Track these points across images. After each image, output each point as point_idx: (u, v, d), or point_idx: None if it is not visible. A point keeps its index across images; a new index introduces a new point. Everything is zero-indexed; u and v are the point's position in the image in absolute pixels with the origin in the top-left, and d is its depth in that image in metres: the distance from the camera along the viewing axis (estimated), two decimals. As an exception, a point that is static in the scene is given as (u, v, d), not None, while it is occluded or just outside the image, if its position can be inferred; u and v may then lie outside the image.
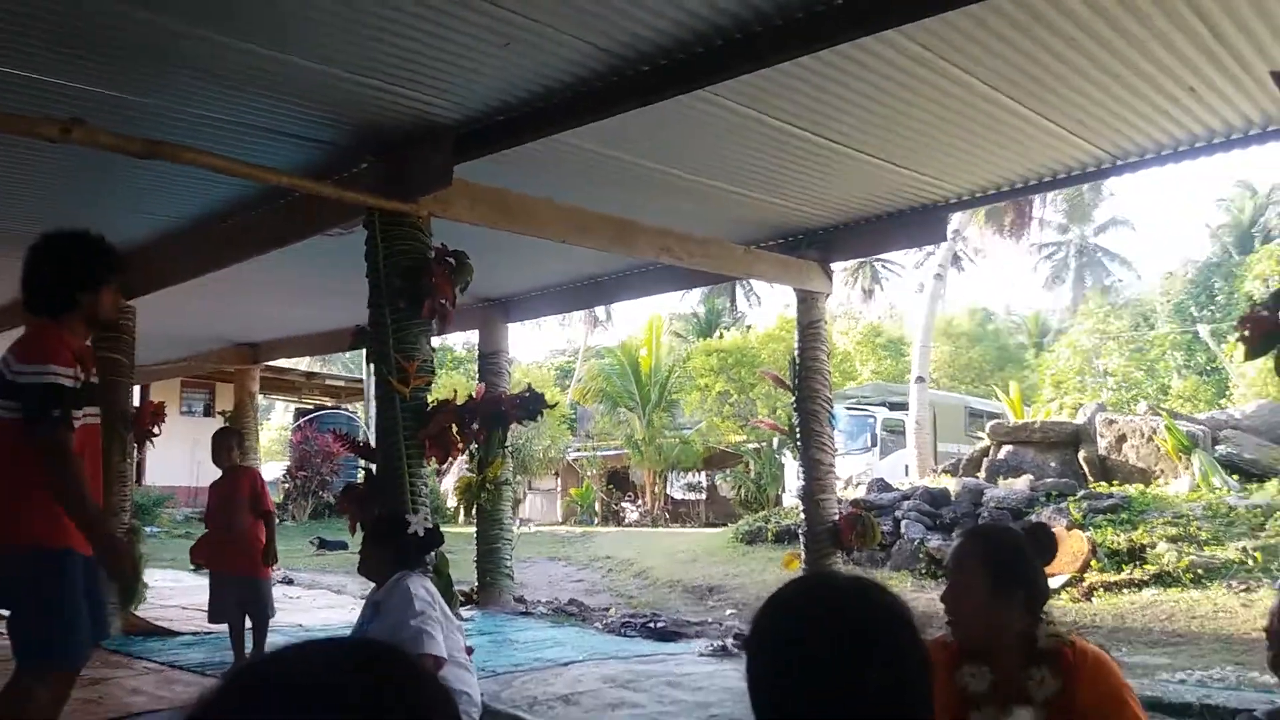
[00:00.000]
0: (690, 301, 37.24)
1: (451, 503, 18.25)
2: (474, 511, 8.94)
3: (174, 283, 6.61)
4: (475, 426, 5.10)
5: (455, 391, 5.80)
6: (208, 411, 20.28)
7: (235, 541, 5.55)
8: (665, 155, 5.23)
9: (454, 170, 4.69)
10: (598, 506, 23.74)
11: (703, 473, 22.86)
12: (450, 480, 18.44)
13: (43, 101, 4.12)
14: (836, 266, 7.50)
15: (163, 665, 5.83)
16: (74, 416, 3.04)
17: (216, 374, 17.89)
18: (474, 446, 7.44)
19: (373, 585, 3.65)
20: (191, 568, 11.09)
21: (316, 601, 9.15)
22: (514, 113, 4.48)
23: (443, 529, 3.98)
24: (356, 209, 4.87)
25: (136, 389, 8.88)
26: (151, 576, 8.06)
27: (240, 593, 5.53)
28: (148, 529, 11.48)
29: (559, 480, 25.75)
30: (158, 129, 4.11)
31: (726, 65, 3.84)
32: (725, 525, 16.49)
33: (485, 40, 3.74)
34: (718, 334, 30.90)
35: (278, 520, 6.58)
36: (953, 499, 11.30)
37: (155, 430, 7.32)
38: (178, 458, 17.74)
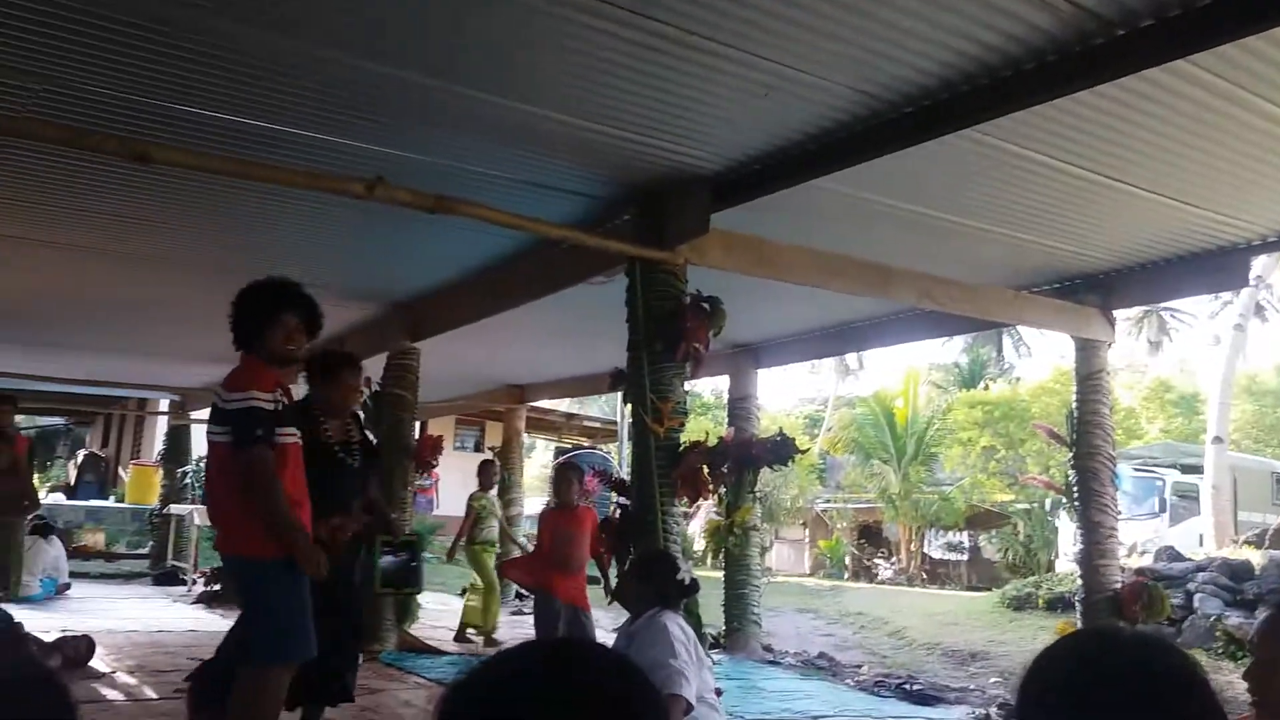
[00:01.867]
0: (951, 351, 35.55)
1: (699, 546, 18.40)
2: (721, 556, 8.95)
3: (453, 327, 7.22)
4: (725, 468, 5.14)
5: (706, 434, 5.86)
6: (477, 447, 21.74)
7: (576, 575, 5.81)
8: (926, 197, 5.07)
9: (710, 219, 4.79)
10: (848, 561, 23.01)
11: (965, 532, 21.57)
12: (698, 523, 18.62)
13: (342, 163, 4.56)
14: (1119, 314, 6.91)
15: (430, 681, 6.27)
16: (277, 436, 3.41)
17: (486, 413, 19.23)
18: (723, 490, 7.54)
19: (626, 616, 3.74)
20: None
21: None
22: (771, 160, 4.52)
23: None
24: (618, 258, 5.09)
25: (417, 424, 9.71)
26: (424, 598, 8.68)
27: (568, 620, 5.72)
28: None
29: (807, 531, 25.21)
30: (441, 186, 4.42)
31: (993, 104, 3.68)
32: (990, 589, 15.44)
33: (745, 91, 3.82)
34: (982, 385, 29.27)
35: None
36: (1257, 573, 10.00)
37: (434, 462, 8.00)
38: (450, 489, 19.10)
